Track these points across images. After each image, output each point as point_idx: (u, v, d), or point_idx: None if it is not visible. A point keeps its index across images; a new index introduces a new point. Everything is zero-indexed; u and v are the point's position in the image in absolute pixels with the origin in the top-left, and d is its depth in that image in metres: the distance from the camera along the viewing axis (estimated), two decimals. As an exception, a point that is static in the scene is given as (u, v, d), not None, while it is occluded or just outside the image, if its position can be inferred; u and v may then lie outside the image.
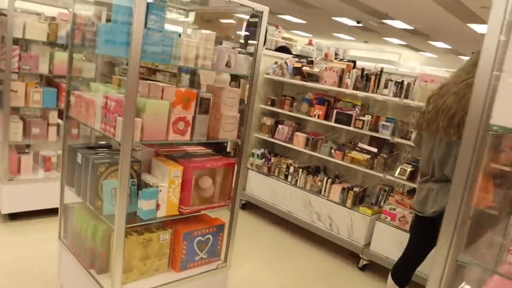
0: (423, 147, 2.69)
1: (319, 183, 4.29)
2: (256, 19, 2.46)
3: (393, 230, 3.67)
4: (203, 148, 2.81)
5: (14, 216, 3.79)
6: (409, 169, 3.67)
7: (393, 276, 2.88)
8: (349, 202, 4.01)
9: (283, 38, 7.92)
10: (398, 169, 3.70)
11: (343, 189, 4.07)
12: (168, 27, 2.16)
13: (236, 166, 2.63)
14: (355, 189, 4.07)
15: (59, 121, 3.96)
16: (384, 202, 4.04)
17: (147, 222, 2.31)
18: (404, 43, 17.87)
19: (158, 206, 2.32)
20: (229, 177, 2.67)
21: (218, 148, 3.65)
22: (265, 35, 4.01)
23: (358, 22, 14.13)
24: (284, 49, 6.17)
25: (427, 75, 3.66)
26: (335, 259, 4.09)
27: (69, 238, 2.68)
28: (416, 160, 3.81)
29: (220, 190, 2.66)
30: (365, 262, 3.88)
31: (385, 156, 3.91)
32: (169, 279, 2.47)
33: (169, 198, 2.35)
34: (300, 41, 10.60)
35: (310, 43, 8.47)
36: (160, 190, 2.30)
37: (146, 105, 2.12)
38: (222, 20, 12.78)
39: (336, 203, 4.09)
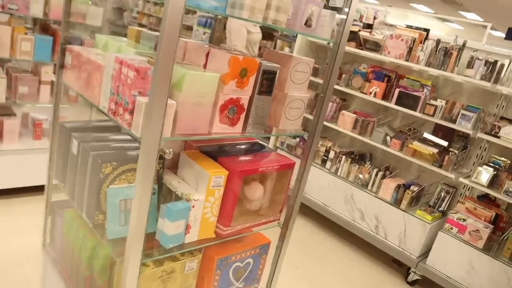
0: None
1: (367, 175, 3.51)
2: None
3: (460, 245, 2.94)
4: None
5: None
6: (490, 173, 2.88)
7: None
8: (404, 203, 3.25)
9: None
10: (477, 172, 2.91)
11: (398, 186, 3.30)
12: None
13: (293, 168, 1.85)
14: (412, 187, 3.30)
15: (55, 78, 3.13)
16: (447, 207, 3.28)
17: (170, 252, 1.54)
18: (432, 11, 16.56)
19: (187, 228, 1.54)
20: (284, 183, 1.88)
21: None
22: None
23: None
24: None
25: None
26: (377, 266, 3.39)
27: (57, 249, 1.93)
28: (496, 162, 3.01)
29: (269, 200, 1.89)
30: (416, 277, 3.17)
31: (456, 152, 3.11)
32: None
33: (204, 216, 1.58)
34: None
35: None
36: (193, 206, 1.52)
37: (185, 79, 1.30)
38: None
39: (387, 202, 3.33)
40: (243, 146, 1.89)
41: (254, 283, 2.03)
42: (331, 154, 3.75)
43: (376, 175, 3.47)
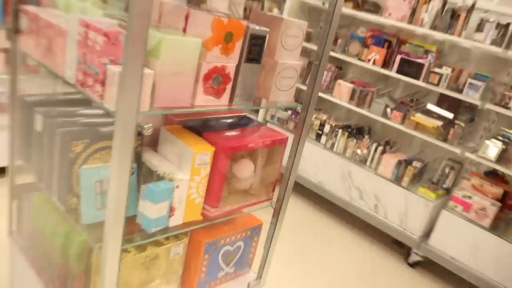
0: None
1: (365, 151, 3.52)
2: None
3: (465, 224, 3.00)
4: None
5: None
6: (499, 147, 2.90)
7: None
8: (406, 180, 3.28)
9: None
10: (485, 146, 2.93)
11: (399, 162, 3.32)
12: None
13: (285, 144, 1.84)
14: (414, 163, 3.32)
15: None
16: (452, 184, 3.32)
17: (153, 237, 1.53)
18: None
19: (171, 210, 1.53)
20: (276, 160, 1.88)
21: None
22: None
23: None
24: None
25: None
26: (376, 247, 3.46)
27: (25, 237, 1.91)
28: (505, 135, 3.04)
29: (261, 179, 1.89)
30: (418, 258, 3.24)
31: (462, 124, 3.13)
32: (181, 312, 1.75)
33: (189, 198, 1.57)
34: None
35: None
36: (177, 187, 1.51)
37: (162, 45, 1.26)
38: None
39: (387, 179, 3.36)
40: (229, 120, 1.87)
41: (245, 267, 2.05)
42: (326, 128, 3.75)
43: (376, 150, 3.48)
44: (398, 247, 3.50)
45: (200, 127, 1.69)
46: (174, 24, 1.49)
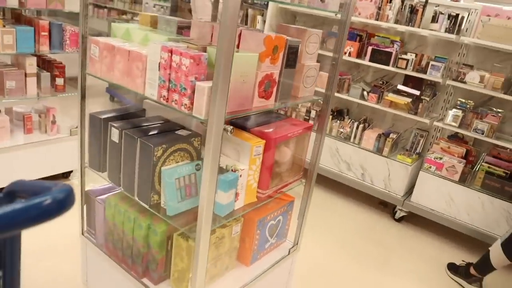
0: None
1: (348, 129, 3.75)
2: None
3: (439, 181, 3.29)
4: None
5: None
6: (459, 115, 3.20)
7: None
8: (386, 150, 3.54)
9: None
10: (450, 115, 3.22)
11: (379, 135, 3.57)
12: None
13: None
14: (391, 135, 3.58)
15: (42, 71, 3.05)
16: (421, 148, 3.61)
17: (226, 219, 1.68)
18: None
19: (236, 195, 1.68)
20: (303, 145, 2.05)
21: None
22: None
23: None
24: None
25: (490, 7, 3.06)
26: (365, 210, 3.71)
27: (99, 235, 2.00)
28: (463, 104, 3.34)
29: (292, 162, 2.05)
30: (403, 214, 3.53)
31: (428, 99, 3.40)
32: (244, 279, 1.91)
33: (248, 183, 1.72)
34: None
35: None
36: (241, 175, 1.66)
37: (234, 61, 1.39)
38: None
39: (370, 151, 3.61)
40: (263, 117, 2.02)
41: (282, 237, 2.23)
42: (313, 113, 3.95)
43: (357, 128, 3.72)
44: (384, 207, 3.78)
45: (243, 124, 1.83)
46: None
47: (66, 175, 3.41)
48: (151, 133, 1.65)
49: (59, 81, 3.16)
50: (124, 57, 1.56)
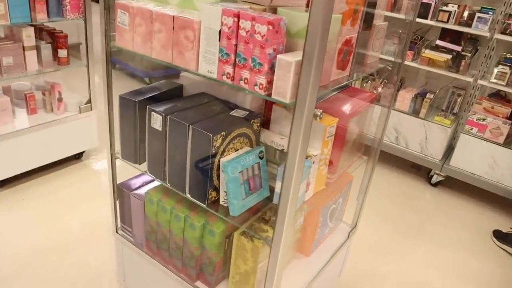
0: None
1: (380, 90, 3.47)
2: None
3: (482, 143, 3.06)
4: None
5: (2, 183, 2.69)
6: (508, 71, 2.92)
7: None
8: (423, 111, 3.28)
9: None
10: (495, 72, 2.93)
11: (415, 96, 3.30)
12: None
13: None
14: (428, 95, 3.31)
15: (41, 42, 2.69)
16: (458, 108, 3.35)
17: (300, 212, 1.44)
18: None
19: (307, 185, 1.43)
20: (365, 118, 1.79)
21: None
22: None
23: None
24: None
25: None
26: (400, 175, 3.51)
27: (137, 233, 1.75)
28: (507, 59, 3.05)
29: (354, 139, 1.80)
30: (440, 179, 3.33)
31: (469, 55, 3.10)
32: (308, 271, 1.71)
33: (319, 169, 1.47)
34: None
35: None
36: (313, 162, 1.40)
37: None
38: None
39: (405, 113, 3.35)
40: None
41: (339, 219, 2.02)
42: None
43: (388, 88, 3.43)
44: (417, 170, 3.58)
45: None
46: (291, 2, 1.30)
47: (77, 156, 3.13)
48: (202, 117, 1.37)
49: (62, 53, 2.80)
50: (166, 25, 1.24)
